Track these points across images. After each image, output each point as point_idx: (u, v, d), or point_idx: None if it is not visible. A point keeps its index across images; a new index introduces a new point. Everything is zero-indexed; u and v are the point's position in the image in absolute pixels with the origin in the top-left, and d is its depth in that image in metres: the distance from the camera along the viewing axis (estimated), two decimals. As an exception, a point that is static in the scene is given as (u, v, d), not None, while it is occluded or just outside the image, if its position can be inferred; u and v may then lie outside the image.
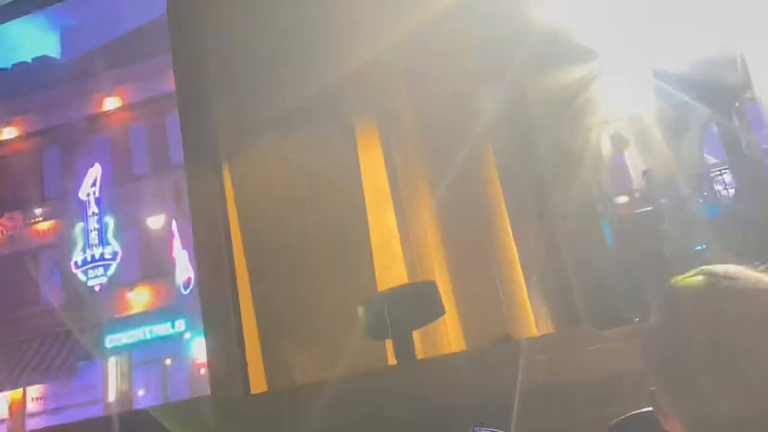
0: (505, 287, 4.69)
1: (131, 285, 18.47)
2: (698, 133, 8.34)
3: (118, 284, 18.44)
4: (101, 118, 19.96)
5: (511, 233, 4.89)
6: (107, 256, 18.49)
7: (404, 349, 3.69)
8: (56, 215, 19.74)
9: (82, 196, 19.02)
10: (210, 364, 4.96)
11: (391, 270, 4.70)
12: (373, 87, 5.10)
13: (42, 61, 20.92)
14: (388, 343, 4.06)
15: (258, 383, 4.84)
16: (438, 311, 4.17)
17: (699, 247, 7.38)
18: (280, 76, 4.99)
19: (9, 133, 20.64)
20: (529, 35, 4.89)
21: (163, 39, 5.58)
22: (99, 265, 18.45)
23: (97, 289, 18.34)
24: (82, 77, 18.98)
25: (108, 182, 19.16)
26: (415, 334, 4.00)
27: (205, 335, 5.03)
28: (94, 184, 19.08)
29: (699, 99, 8.14)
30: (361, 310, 3.93)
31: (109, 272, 18.45)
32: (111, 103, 19.79)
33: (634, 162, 9.24)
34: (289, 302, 4.60)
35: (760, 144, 7.97)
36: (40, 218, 19.86)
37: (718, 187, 8.70)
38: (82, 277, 18.47)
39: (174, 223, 17.45)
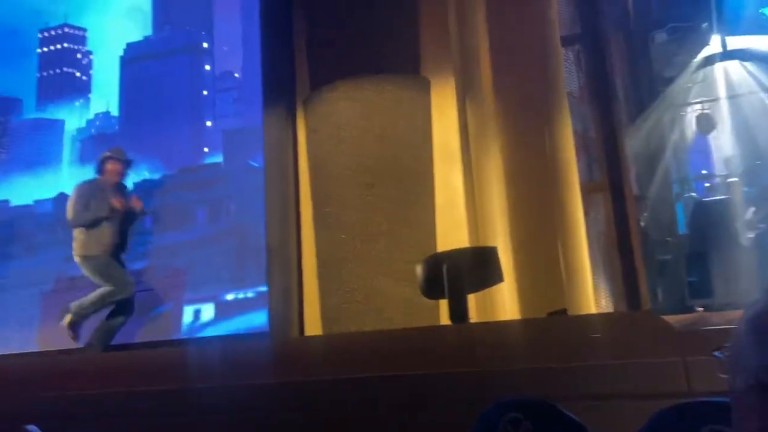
0: (568, 261, 4.62)
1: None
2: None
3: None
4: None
5: (581, 207, 4.78)
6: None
7: (458, 311, 3.71)
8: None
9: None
10: (271, 304, 5.18)
11: (453, 233, 4.69)
12: (454, 44, 5.02)
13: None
14: (443, 304, 4.08)
15: (313, 328, 4.99)
16: (496, 277, 4.16)
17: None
18: (361, 26, 4.96)
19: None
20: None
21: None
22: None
23: None
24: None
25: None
26: (471, 298, 4.01)
27: (268, 279, 5.25)
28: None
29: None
30: (419, 269, 3.95)
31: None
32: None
33: (719, 147, 8.83)
34: (349, 254, 4.67)
35: None
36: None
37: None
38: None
39: None
